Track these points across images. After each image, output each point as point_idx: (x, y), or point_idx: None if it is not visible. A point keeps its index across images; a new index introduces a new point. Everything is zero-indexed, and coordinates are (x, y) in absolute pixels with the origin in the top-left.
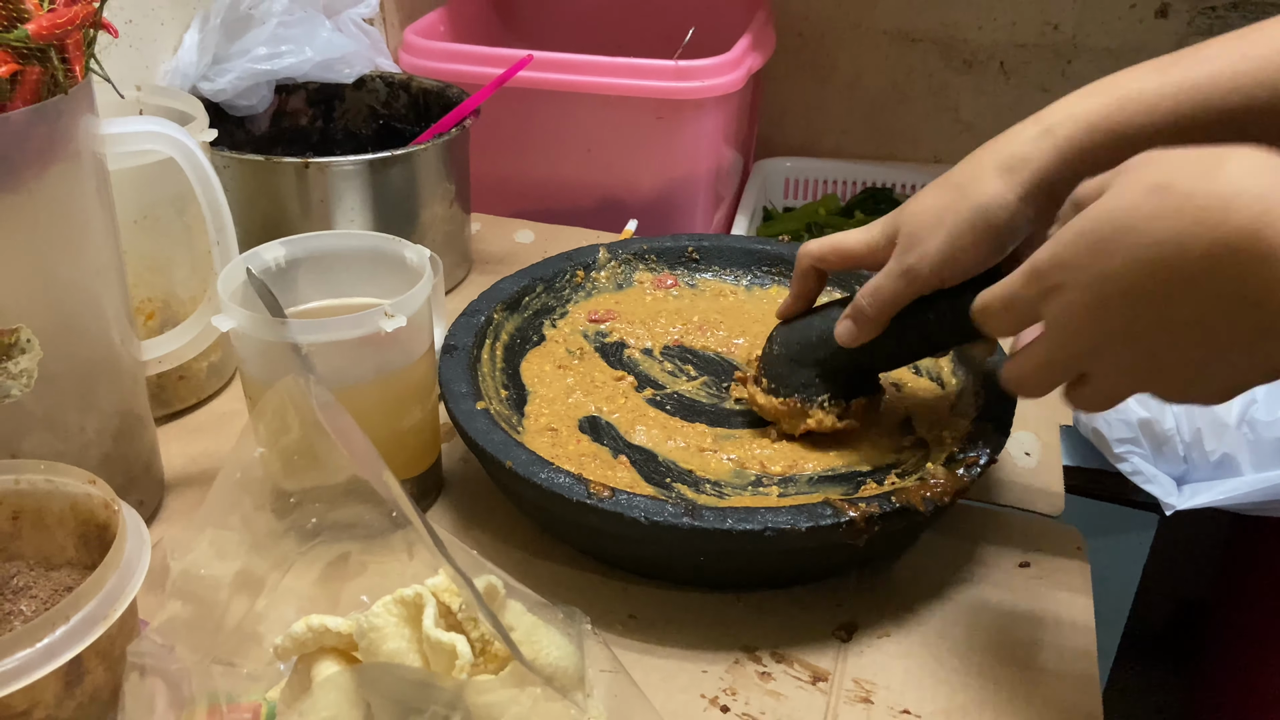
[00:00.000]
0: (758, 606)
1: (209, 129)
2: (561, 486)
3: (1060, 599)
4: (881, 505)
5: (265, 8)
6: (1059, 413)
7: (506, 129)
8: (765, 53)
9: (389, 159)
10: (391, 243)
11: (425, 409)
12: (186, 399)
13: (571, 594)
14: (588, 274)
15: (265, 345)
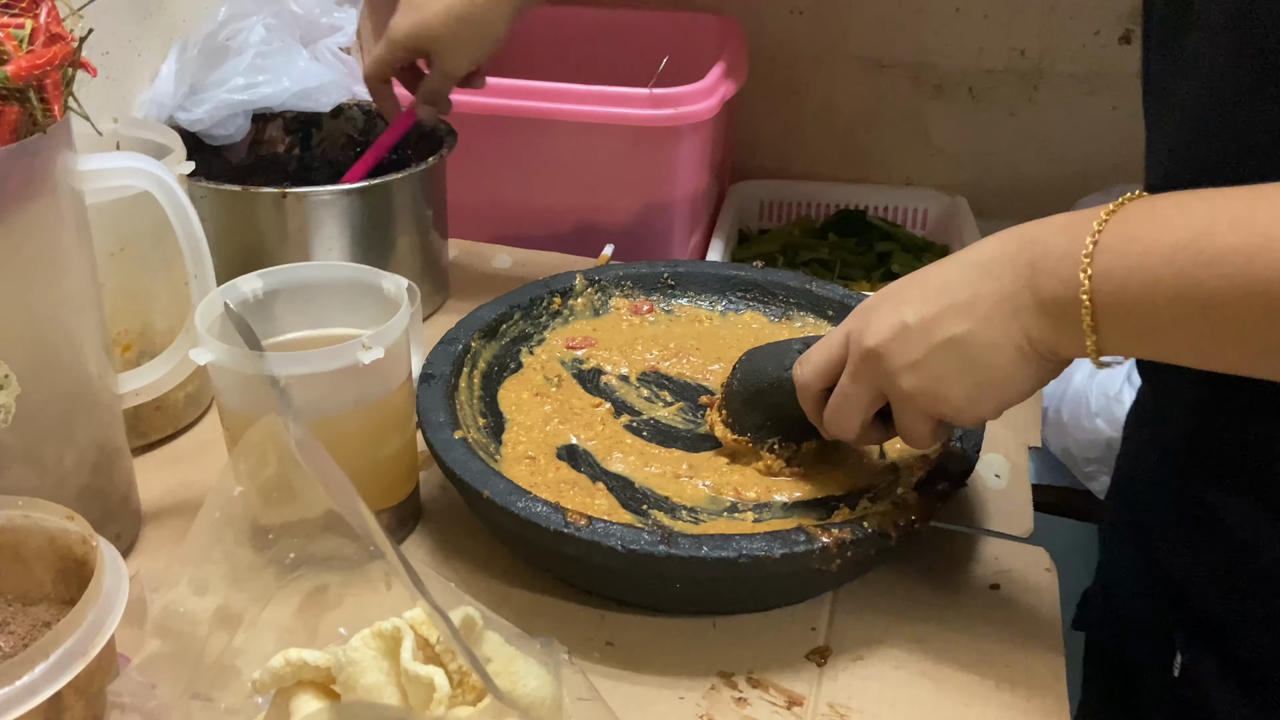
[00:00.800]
0: (734, 631)
1: (186, 161)
2: (539, 515)
3: (1030, 621)
4: (854, 531)
5: (242, 39)
6: (1027, 434)
7: (485, 155)
8: (739, 80)
9: (366, 189)
10: (369, 273)
11: (403, 438)
12: (163, 429)
13: (549, 622)
14: (565, 301)
15: (243, 378)
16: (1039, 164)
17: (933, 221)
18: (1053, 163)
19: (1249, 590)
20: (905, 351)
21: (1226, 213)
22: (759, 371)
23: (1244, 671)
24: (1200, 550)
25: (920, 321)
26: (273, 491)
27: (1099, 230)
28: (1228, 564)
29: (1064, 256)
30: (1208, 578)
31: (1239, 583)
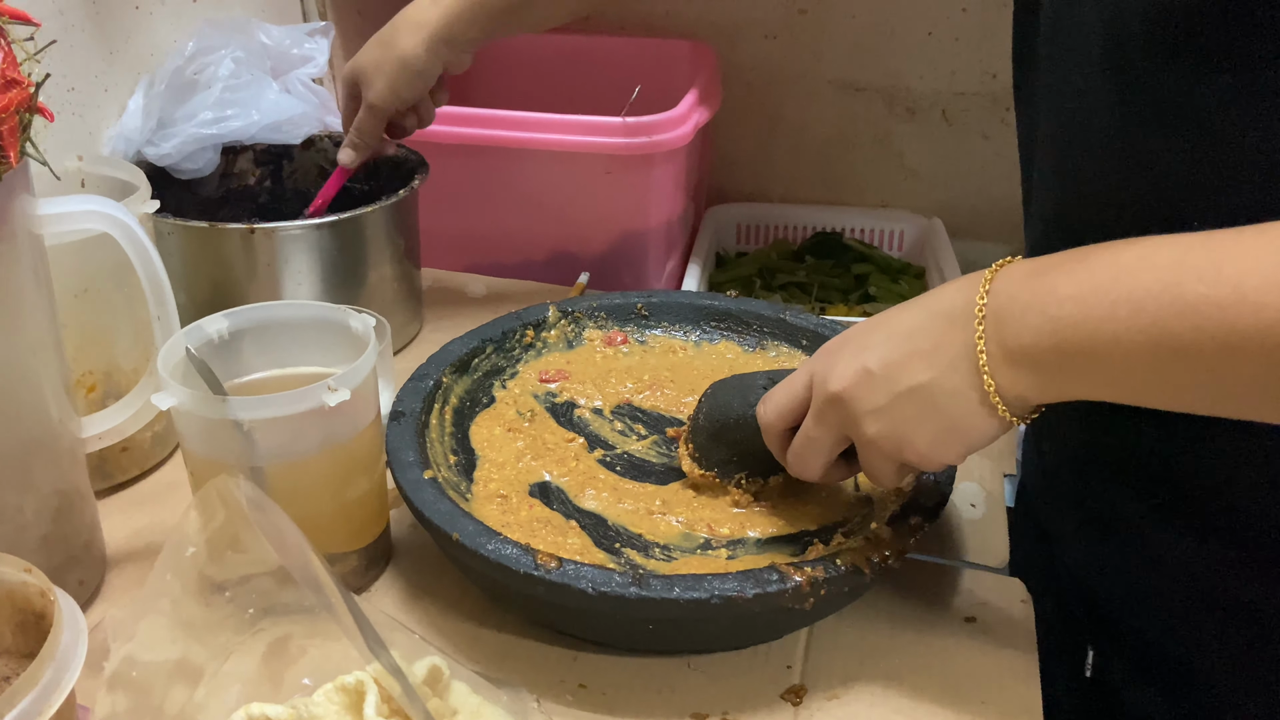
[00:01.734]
0: (708, 671)
1: (151, 199)
2: (508, 558)
3: (1005, 655)
4: (826, 569)
5: (210, 72)
6: (1003, 462)
7: (458, 184)
8: (712, 106)
9: (336, 222)
10: (336, 312)
11: (372, 479)
12: (130, 470)
13: (521, 664)
14: (538, 333)
15: (207, 422)
16: (1013, 185)
17: (909, 243)
18: None
19: (1152, 591)
20: (869, 397)
21: (1192, 264)
22: (724, 407)
23: (1153, 670)
24: (1104, 553)
25: (884, 368)
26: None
27: (1063, 279)
28: (1131, 566)
29: (1028, 307)
30: (1113, 579)
31: (1142, 584)
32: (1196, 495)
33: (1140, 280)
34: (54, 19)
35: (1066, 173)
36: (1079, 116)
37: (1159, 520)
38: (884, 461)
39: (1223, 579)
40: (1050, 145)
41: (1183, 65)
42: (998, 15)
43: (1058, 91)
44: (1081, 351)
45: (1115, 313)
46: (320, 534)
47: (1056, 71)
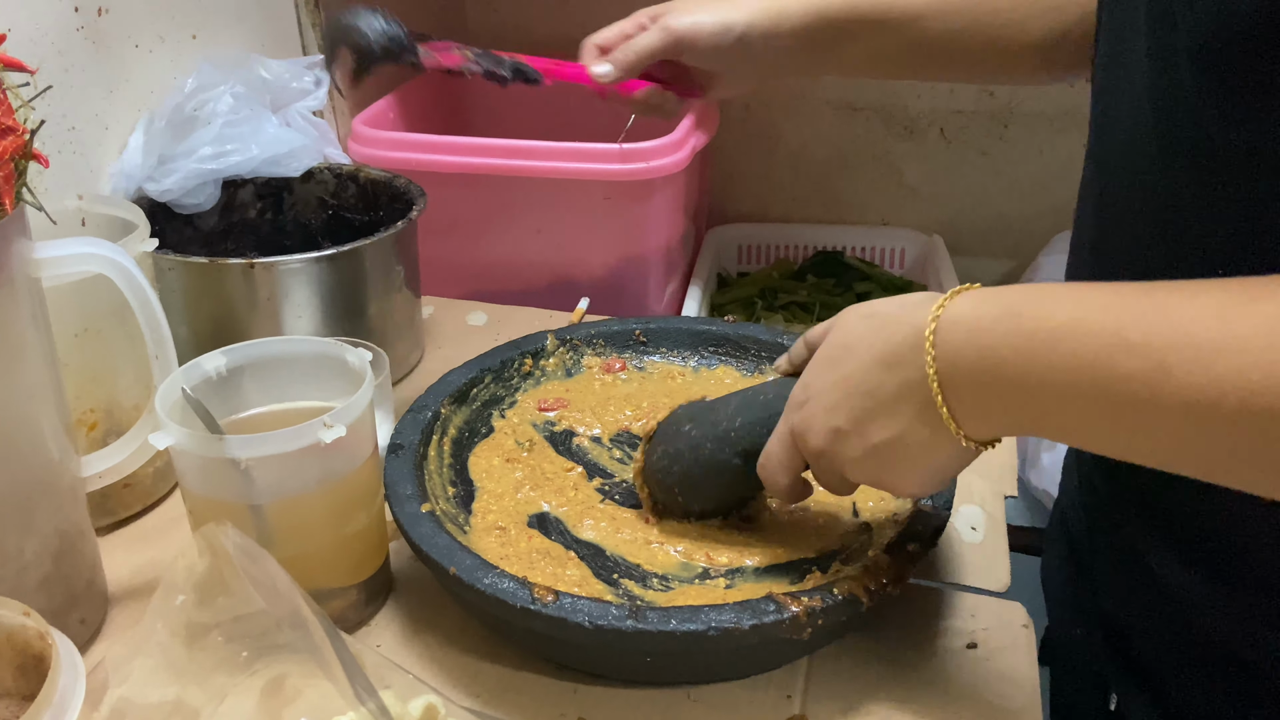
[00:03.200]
0: (708, 701)
1: (150, 238)
2: (505, 592)
3: (1007, 681)
4: (824, 598)
5: (210, 108)
6: (1003, 485)
7: (458, 213)
8: (710, 130)
9: (335, 255)
10: (333, 347)
11: (371, 513)
12: (132, 506)
13: (522, 697)
14: (536, 362)
15: (204, 460)
16: (1012, 202)
17: (910, 261)
18: (1025, 200)
19: (1175, 634)
20: (847, 452)
21: (1125, 336)
22: (674, 455)
23: (1176, 714)
24: (1131, 593)
25: (853, 425)
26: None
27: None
28: (1155, 608)
29: (971, 375)
30: (1138, 620)
31: (1165, 626)
32: (1227, 547)
33: (1075, 348)
34: (54, 59)
35: (1105, 203)
36: (1121, 149)
37: (1180, 562)
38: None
39: (1248, 633)
40: (1093, 172)
41: (1226, 105)
42: None
43: (1107, 119)
44: (1027, 415)
45: (1052, 378)
46: (319, 569)
47: (1106, 98)
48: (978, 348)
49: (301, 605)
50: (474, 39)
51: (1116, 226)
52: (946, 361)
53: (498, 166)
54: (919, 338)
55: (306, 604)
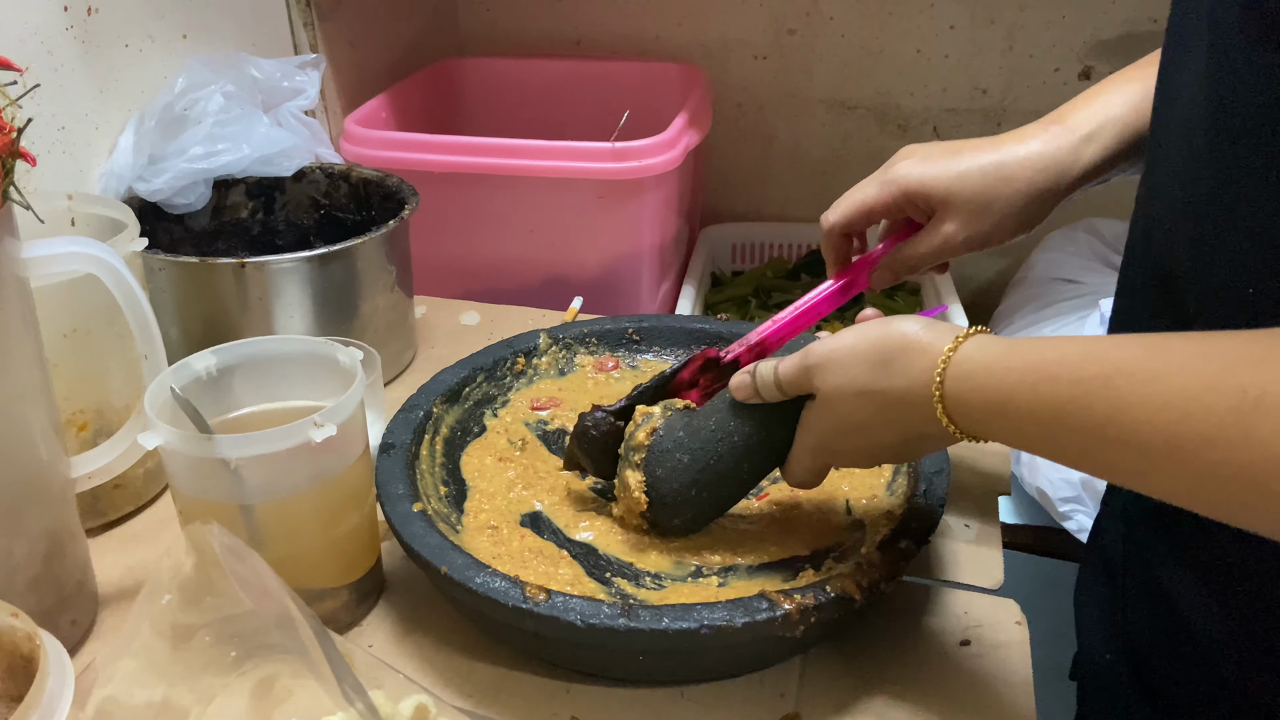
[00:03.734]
0: (702, 700)
1: (140, 237)
2: (497, 591)
3: (1001, 678)
4: (816, 596)
5: (201, 108)
6: (997, 483)
7: (451, 212)
8: (702, 129)
9: (327, 255)
10: (324, 346)
11: (362, 512)
12: (123, 507)
13: (513, 698)
14: (529, 361)
15: (194, 460)
16: None
17: None
18: None
19: (1198, 674)
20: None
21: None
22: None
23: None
24: (1157, 629)
25: (867, 460)
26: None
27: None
28: (1179, 646)
29: (981, 423)
30: (1162, 655)
31: (1189, 665)
32: (1259, 596)
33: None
34: (43, 59)
35: (1154, 185)
36: (1176, 124)
37: (1196, 587)
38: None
39: (1273, 679)
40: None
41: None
42: (986, 32)
43: (1165, 92)
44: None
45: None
46: (311, 569)
47: (1167, 70)
48: (989, 403)
49: (290, 605)
50: (466, 41)
51: (1162, 207)
52: (954, 417)
53: (490, 166)
54: (924, 377)
55: (295, 604)
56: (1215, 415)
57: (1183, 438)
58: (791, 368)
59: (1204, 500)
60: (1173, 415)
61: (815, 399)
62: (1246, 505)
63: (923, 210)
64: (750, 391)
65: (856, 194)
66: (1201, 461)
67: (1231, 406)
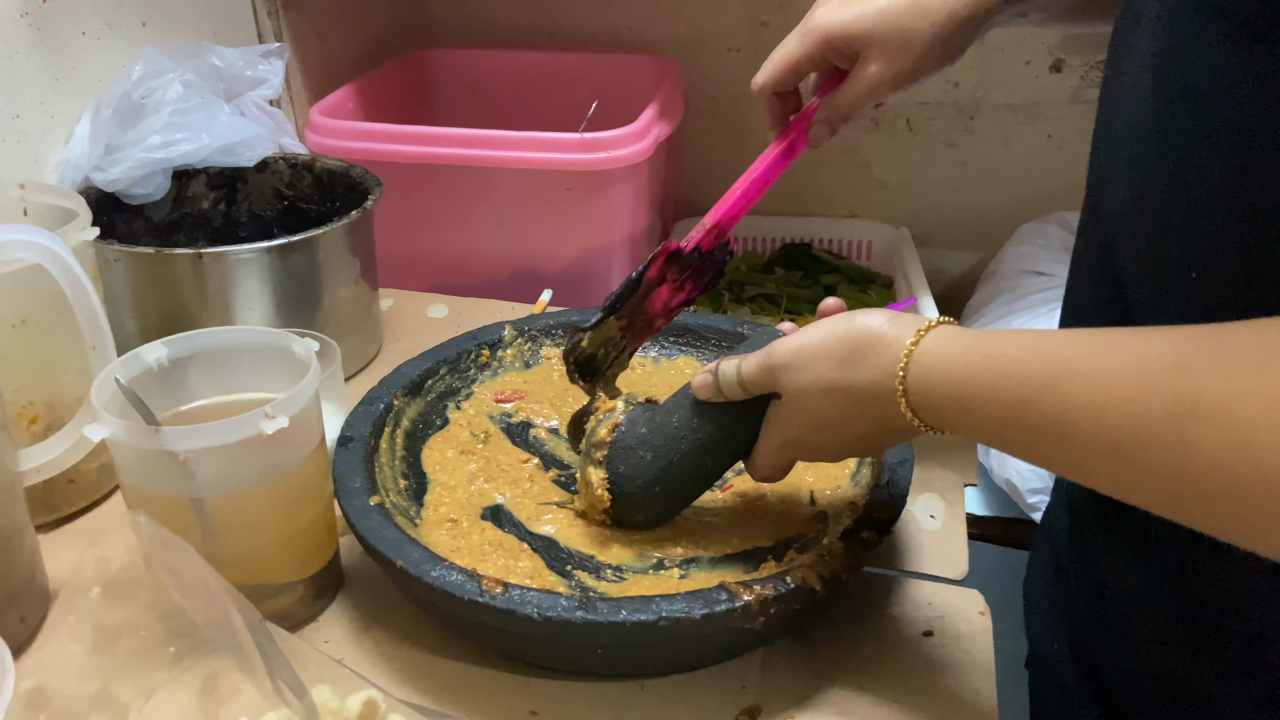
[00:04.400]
0: (662, 693)
1: (92, 227)
2: (453, 584)
3: (963, 669)
4: (776, 587)
5: (159, 96)
6: (963, 473)
7: (418, 204)
8: (674, 120)
9: (287, 245)
10: (279, 337)
11: (318, 506)
12: (77, 502)
13: (472, 692)
14: (494, 353)
15: (142, 453)
16: (978, 193)
17: (878, 252)
18: (991, 192)
19: (1136, 658)
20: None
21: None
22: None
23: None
24: (1097, 609)
25: (838, 454)
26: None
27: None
28: (1115, 624)
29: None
30: (1103, 636)
31: (1124, 643)
32: (1180, 583)
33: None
34: None
35: (1100, 166)
36: (1123, 103)
37: (1138, 571)
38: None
39: (1188, 669)
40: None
41: (1217, 39)
42: None
43: (1111, 84)
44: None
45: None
46: (265, 563)
47: (1117, 48)
48: (949, 398)
49: (226, 600)
50: (439, 31)
51: (1106, 197)
52: (916, 406)
53: (458, 156)
54: (889, 369)
55: (233, 598)
56: (1153, 420)
57: (1124, 440)
58: (755, 368)
59: (1148, 499)
60: (1114, 418)
61: (781, 397)
62: (1184, 506)
63: (846, 55)
64: (713, 391)
65: (780, 51)
66: (1142, 463)
67: (1169, 410)
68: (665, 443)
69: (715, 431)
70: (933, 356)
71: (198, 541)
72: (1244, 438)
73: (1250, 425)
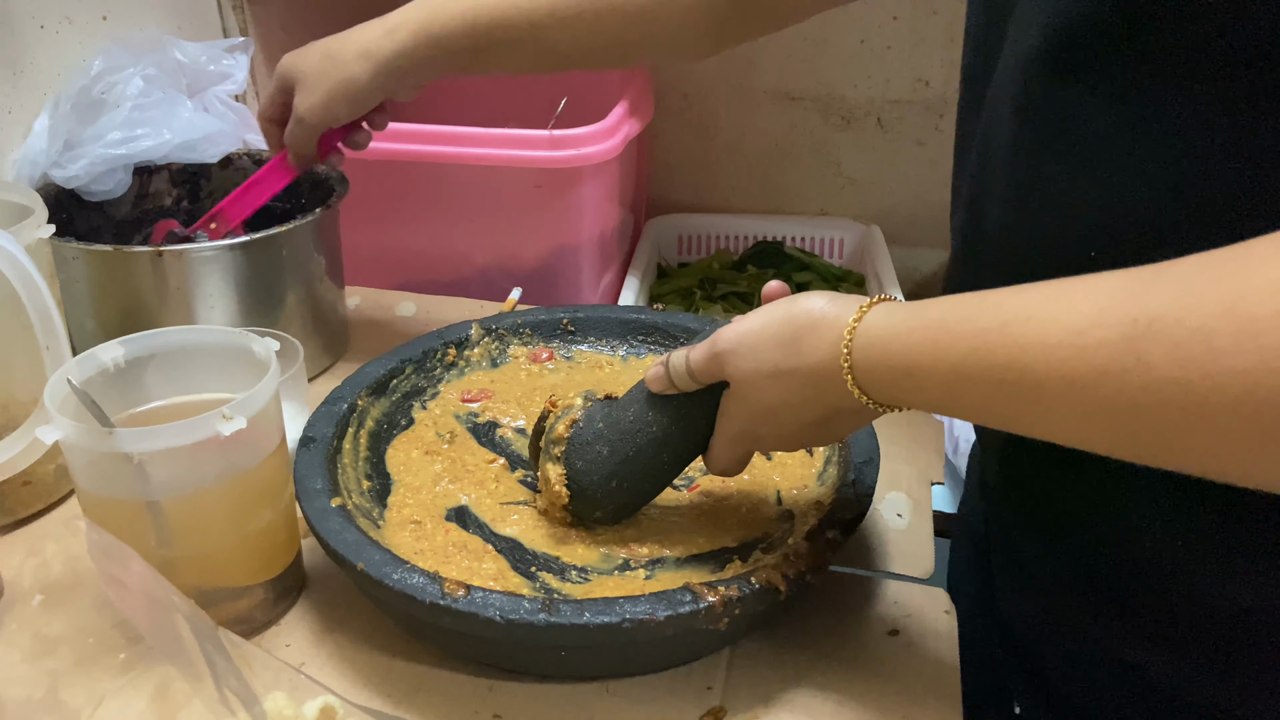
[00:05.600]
0: (627, 695)
1: (48, 224)
2: (414, 587)
3: (929, 667)
4: (740, 588)
5: (119, 91)
6: (930, 471)
7: (386, 201)
8: (644, 118)
9: (249, 243)
10: (238, 337)
11: (277, 509)
12: (32, 505)
13: (434, 696)
14: (460, 352)
15: (96, 455)
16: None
17: (849, 250)
18: None
19: (1064, 638)
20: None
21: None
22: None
23: (1076, 715)
24: (1021, 596)
25: (790, 443)
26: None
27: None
28: (1042, 613)
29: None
30: (1029, 622)
31: (1055, 631)
32: (1097, 559)
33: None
34: None
35: (974, 196)
36: (988, 140)
37: (1060, 563)
38: None
39: (1114, 638)
40: (962, 168)
41: (1075, 91)
42: (928, 23)
43: (973, 114)
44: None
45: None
46: (223, 567)
47: (973, 90)
48: (896, 367)
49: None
50: None
51: (981, 223)
52: (864, 375)
53: (426, 153)
54: (836, 367)
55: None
56: (1107, 346)
57: (1078, 373)
58: (702, 356)
59: (1105, 436)
60: (1067, 353)
61: (730, 386)
62: (1146, 436)
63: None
64: (665, 383)
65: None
66: (1097, 395)
67: (1124, 334)
68: (621, 437)
69: (670, 424)
70: (876, 329)
71: (153, 545)
72: (1201, 348)
73: (1206, 334)
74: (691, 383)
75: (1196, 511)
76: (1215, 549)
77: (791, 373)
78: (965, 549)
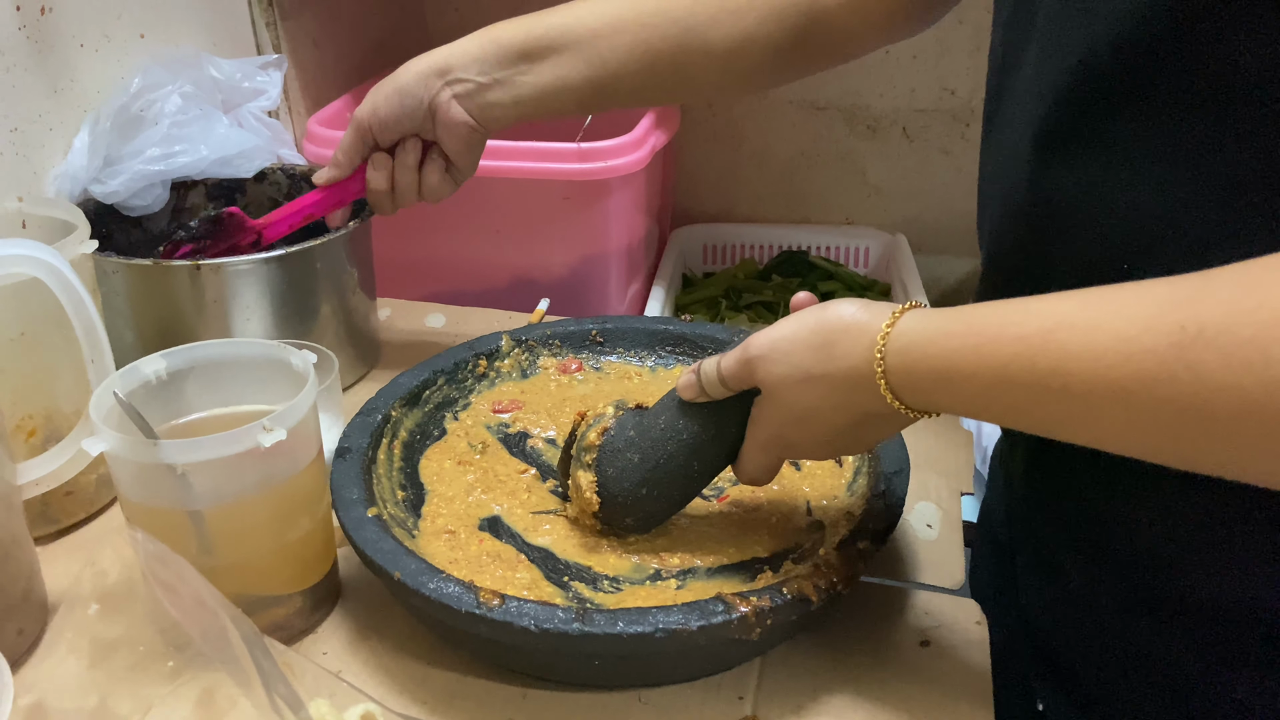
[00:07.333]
0: (659, 704)
1: (90, 239)
2: (450, 596)
3: (959, 678)
4: (773, 598)
5: (158, 108)
6: (960, 481)
7: (415, 213)
8: (670, 129)
9: (284, 256)
10: (277, 349)
11: (315, 518)
12: (75, 514)
13: (469, 703)
14: (491, 363)
15: (140, 467)
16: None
17: (874, 260)
18: None
19: (1093, 641)
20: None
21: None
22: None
23: (1102, 713)
24: (1050, 599)
25: (825, 450)
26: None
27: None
28: (1071, 614)
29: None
30: (1057, 625)
31: (1083, 633)
32: (1124, 553)
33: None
34: None
35: (989, 218)
36: (1006, 168)
37: (1089, 572)
38: None
39: (1143, 634)
40: (985, 195)
41: (1103, 108)
42: (954, 32)
43: (997, 143)
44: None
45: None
46: (262, 575)
47: (996, 104)
48: (932, 371)
49: (222, 614)
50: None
51: (998, 243)
52: (895, 383)
53: None
54: (869, 372)
55: (229, 612)
56: (1157, 354)
57: (1127, 379)
58: (733, 361)
59: (1151, 444)
60: (1115, 359)
61: (762, 393)
62: (1193, 441)
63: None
64: (696, 390)
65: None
66: (1146, 402)
67: (1173, 343)
68: (652, 445)
69: (701, 432)
70: (911, 334)
71: (195, 554)
72: (1254, 355)
73: (1258, 343)
74: (723, 389)
75: (1228, 504)
76: (1246, 541)
77: (824, 377)
78: (987, 552)
